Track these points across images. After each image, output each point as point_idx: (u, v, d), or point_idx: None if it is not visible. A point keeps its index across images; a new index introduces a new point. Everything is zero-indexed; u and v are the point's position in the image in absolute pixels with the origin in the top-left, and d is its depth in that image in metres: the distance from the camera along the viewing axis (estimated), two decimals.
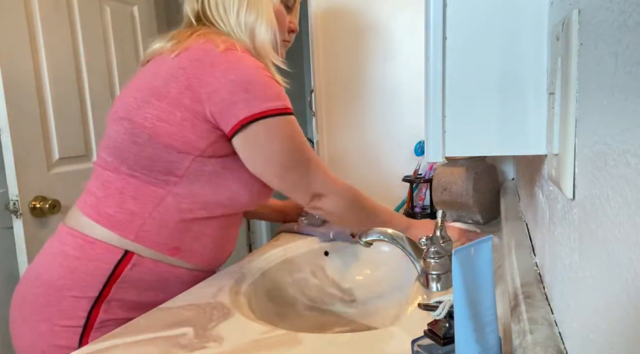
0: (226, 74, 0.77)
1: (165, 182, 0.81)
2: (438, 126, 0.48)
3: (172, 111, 0.78)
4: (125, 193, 0.81)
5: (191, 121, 0.78)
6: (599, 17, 0.29)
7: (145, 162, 0.80)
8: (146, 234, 0.81)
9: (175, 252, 0.84)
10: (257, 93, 0.78)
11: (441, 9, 0.47)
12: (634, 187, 0.23)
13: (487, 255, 0.41)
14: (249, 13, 0.85)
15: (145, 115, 0.79)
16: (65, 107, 1.50)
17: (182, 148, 0.79)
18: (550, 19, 0.45)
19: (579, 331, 0.34)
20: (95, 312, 0.79)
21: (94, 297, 0.79)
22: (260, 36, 0.86)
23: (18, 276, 1.36)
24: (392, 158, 1.41)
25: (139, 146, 0.80)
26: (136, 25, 1.85)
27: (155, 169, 0.80)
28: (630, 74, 0.23)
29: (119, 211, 0.81)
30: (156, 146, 0.79)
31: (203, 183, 0.82)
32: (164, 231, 0.82)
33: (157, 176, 0.81)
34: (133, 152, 0.80)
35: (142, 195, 0.81)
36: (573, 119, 0.36)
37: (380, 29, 1.37)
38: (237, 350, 0.61)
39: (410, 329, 0.62)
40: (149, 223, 0.81)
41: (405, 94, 1.37)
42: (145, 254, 0.82)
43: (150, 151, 0.79)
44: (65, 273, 0.79)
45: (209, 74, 0.77)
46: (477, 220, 1.16)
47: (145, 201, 0.81)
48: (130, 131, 0.80)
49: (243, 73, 0.78)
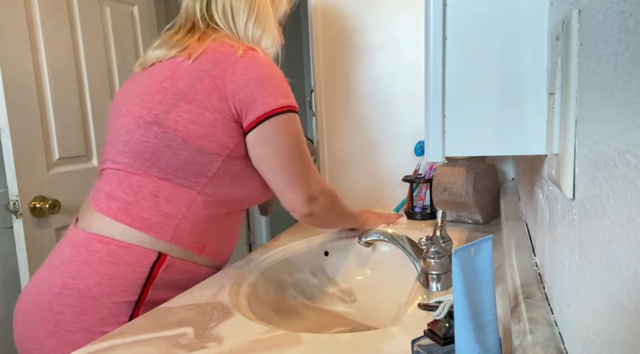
0: (246, 72, 0.81)
1: (196, 184, 0.84)
2: (438, 126, 0.48)
3: (202, 112, 0.81)
4: (159, 196, 0.83)
5: (222, 122, 0.81)
6: (599, 17, 0.29)
7: (178, 165, 0.82)
8: (181, 234, 0.84)
9: (202, 250, 0.87)
10: (273, 90, 0.82)
11: (441, 9, 0.47)
12: (634, 187, 0.23)
13: (487, 255, 0.41)
14: (257, 26, 0.89)
15: (176, 118, 0.81)
16: (65, 107, 1.50)
17: (215, 149, 0.82)
18: (550, 19, 0.45)
19: (579, 331, 0.34)
20: (135, 315, 0.80)
21: (134, 301, 0.80)
22: (266, 50, 0.91)
23: (18, 276, 1.36)
24: (392, 158, 1.41)
25: (173, 149, 0.81)
26: (136, 25, 1.85)
27: (188, 171, 0.83)
28: (630, 74, 0.23)
29: (154, 214, 0.82)
30: (190, 149, 0.81)
31: (228, 182, 0.86)
32: (195, 230, 0.85)
33: (189, 177, 0.83)
34: (166, 155, 0.82)
35: (175, 197, 0.83)
36: (573, 119, 0.36)
37: (380, 29, 1.37)
38: (237, 350, 0.61)
39: (410, 329, 0.62)
40: (184, 223, 0.84)
41: (405, 94, 1.37)
42: (176, 254, 0.84)
43: (184, 154, 0.81)
44: (103, 279, 0.79)
45: (231, 73, 0.81)
46: (477, 220, 1.16)
47: (178, 202, 0.83)
48: (162, 135, 0.81)
49: (261, 71, 0.82)
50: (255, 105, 0.81)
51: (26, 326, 0.81)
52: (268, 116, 0.82)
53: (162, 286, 0.83)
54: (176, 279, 0.84)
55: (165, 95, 0.82)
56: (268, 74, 0.83)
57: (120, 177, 0.85)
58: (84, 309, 0.78)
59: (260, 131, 0.83)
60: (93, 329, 0.78)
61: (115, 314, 0.79)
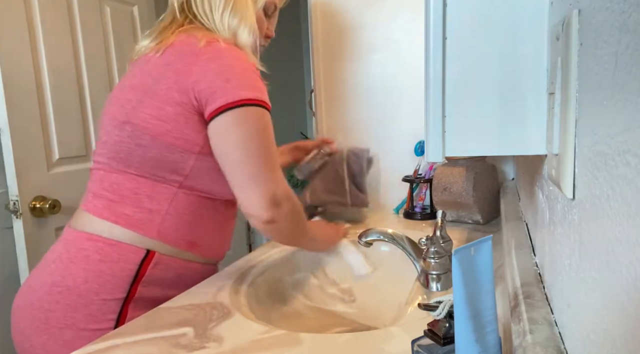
0: (208, 63, 0.78)
1: (173, 180, 0.83)
2: (438, 126, 0.48)
3: (164, 107, 0.79)
4: (139, 193, 0.82)
5: (184, 115, 0.79)
6: (599, 17, 0.29)
7: (151, 164, 0.81)
8: (166, 231, 0.83)
9: (191, 247, 0.87)
10: (235, 82, 0.78)
11: (441, 9, 0.47)
12: (634, 187, 0.23)
13: (487, 255, 0.41)
14: (233, 15, 0.86)
15: (143, 115, 0.80)
16: (65, 107, 1.50)
17: (183, 146, 0.80)
18: (550, 19, 0.45)
19: (579, 331, 0.34)
20: (124, 312, 0.80)
21: (123, 298, 0.80)
22: (242, 39, 0.87)
23: (18, 276, 1.36)
24: (392, 158, 1.41)
25: (144, 147, 0.80)
26: (136, 25, 1.85)
27: (162, 169, 0.81)
28: (630, 74, 0.23)
29: (137, 211, 0.82)
30: (159, 147, 0.80)
31: (207, 179, 0.84)
32: (182, 226, 0.84)
33: (164, 175, 0.82)
34: (138, 154, 0.81)
35: (156, 193, 0.82)
36: (573, 119, 0.36)
37: (380, 29, 1.37)
38: (237, 350, 0.61)
39: (410, 329, 0.62)
40: (168, 219, 0.83)
41: (405, 94, 1.37)
42: (165, 251, 0.83)
43: (155, 152, 0.80)
44: (91, 277, 0.79)
45: (192, 64, 0.78)
46: (477, 220, 1.16)
47: (159, 198, 0.82)
48: (132, 134, 0.81)
49: (224, 62, 0.79)
50: (215, 96, 0.77)
51: (20, 324, 0.82)
52: (228, 108, 0.77)
53: (152, 283, 0.82)
54: (167, 276, 0.84)
55: (134, 93, 0.82)
56: (230, 65, 0.79)
57: (101, 176, 0.85)
58: (73, 307, 0.79)
59: (220, 122, 0.78)
60: (81, 326, 0.78)
61: (103, 312, 0.79)
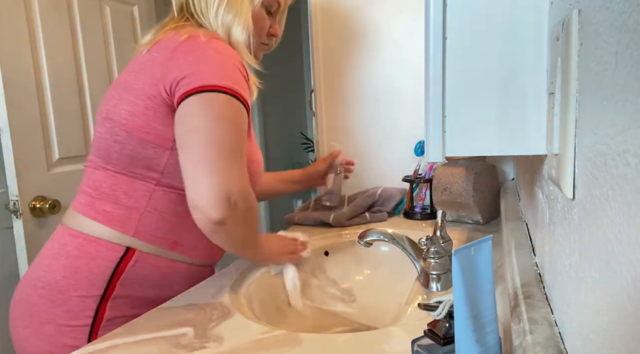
0: (185, 56, 0.77)
1: (151, 177, 0.82)
2: (438, 126, 0.48)
3: (137, 101, 0.78)
4: (117, 190, 0.82)
5: (153, 109, 0.78)
6: (599, 17, 0.29)
7: (127, 160, 0.81)
8: (145, 229, 0.82)
9: (174, 246, 0.85)
10: (208, 70, 0.75)
11: (441, 9, 0.47)
12: (634, 187, 0.23)
13: (487, 255, 0.41)
14: (227, 11, 0.85)
15: (120, 112, 0.80)
16: (65, 107, 1.50)
17: (155, 141, 0.79)
18: (550, 19, 0.45)
19: (579, 331, 0.34)
20: (102, 310, 0.79)
21: (100, 295, 0.79)
22: (235, 36, 0.86)
23: (18, 276, 1.36)
24: (392, 158, 1.41)
25: (120, 144, 0.80)
26: (136, 25, 1.85)
27: (138, 165, 0.81)
28: (630, 74, 0.23)
29: (115, 207, 0.81)
30: (133, 142, 0.79)
31: None
32: (162, 225, 0.83)
33: (140, 171, 0.81)
34: (115, 150, 0.81)
35: (133, 190, 0.82)
36: (573, 119, 0.36)
37: (380, 28, 1.37)
38: (237, 350, 0.61)
39: (410, 329, 0.62)
40: (146, 217, 0.82)
41: (405, 94, 1.37)
42: (146, 249, 0.82)
43: (130, 148, 0.80)
44: (69, 273, 0.79)
45: (169, 58, 0.77)
46: (477, 220, 1.16)
47: (137, 195, 0.81)
48: (111, 130, 0.81)
49: (201, 54, 0.77)
50: (184, 82, 0.74)
51: (12, 319, 0.84)
52: (196, 92, 0.73)
53: (135, 282, 0.82)
54: (150, 275, 0.83)
55: (117, 90, 0.82)
56: (208, 56, 0.76)
57: (88, 173, 0.86)
58: (53, 302, 0.79)
59: (184, 105, 0.74)
60: (61, 322, 0.79)
61: (81, 308, 0.79)
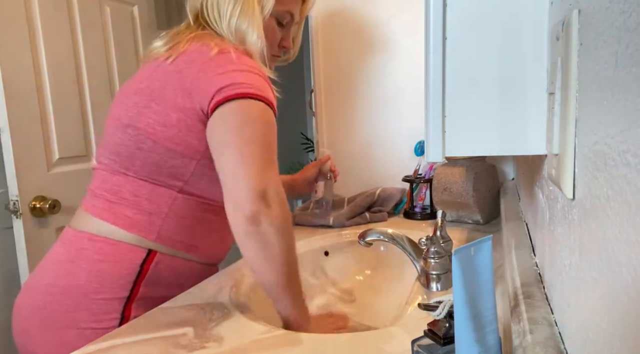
0: (216, 70, 0.77)
1: (174, 185, 0.82)
2: (438, 126, 0.48)
3: (169, 113, 0.78)
4: (139, 196, 0.82)
5: (185, 122, 0.78)
6: (599, 17, 0.29)
7: (151, 168, 0.81)
8: (166, 233, 0.83)
9: (191, 250, 0.87)
10: (242, 82, 0.76)
11: (441, 9, 0.47)
12: (634, 187, 0.23)
13: (487, 255, 0.41)
14: (241, 20, 0.85)
15: (147, 120, 0.80)
16: (65, 107, 1.50)
17: (185, 152, 0.80)
18: (550, 19, 0.45)
19: (579, 331, 0.34)
20: (128, 311, 0.80)
21: (125, 297, 0.80)
22: (250, 43, 0.86)
23: (18, 276, 1.36)
24: (392, 158, 1.41)
25: (145, 152, 0.80)
26: (136, 25, 1.85)
27: (162, 173, 0.81)
28: (630, 74, 0.23)
29: (137, 213, 0.82)
30: (160, 151, 0.80)
31: (208, 183, 0.83)
32: (182, 230, 0.84)
33: (164, 179, 0.82)
34: (139, 158, 0.81)
35: (155, 196, 0.82)
36: (573, 119, 0.36)
37: (380, 28, 1.37)
38: (237, 350, 0.61)
39: (410, 329, 0.62)
40: (167, 223, 0.83)
41: (405, 94, 1.37)
42: (165, 251, 0.84)
43: (155, 157, 0.80)
44: (92, 276, 0.79)
45: (200, 71, 0.78)
46: (477, 220, 1.16)
47: (159, 201, 0.82)
48: (135, 138, 0.81)
49: (232, 68, 0.78)
50: (218, 94, 0.75)
51: (22, 324, 0.83)
52: (230, 99, 0.75)
53: (154, 282, 0.83)
54: (167, 275, 0.84)
55: (141, 97, 0.81)
56: (239, 70, 0.78)
57: (103, 177, 0.86)
58: (73, 306, 0.79)
59: (219, 113, 0.75)
60: (83, 326, 0.78)
61: (105, 311, 0.79)
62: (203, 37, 0.84)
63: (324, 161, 1.21)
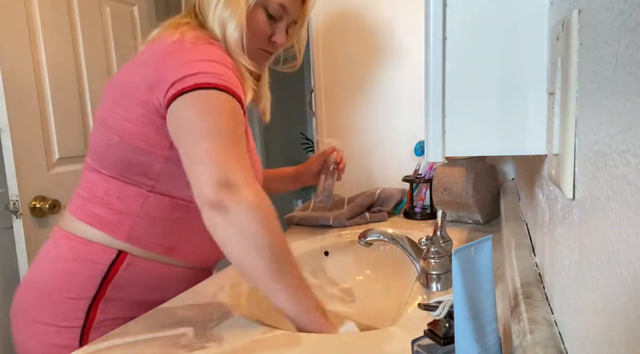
0: (175, 60, 0.74)
1: (144, 183, 0.80)
2: (438, 126, 0.48)
3: (133, 107, 0.77)
4: (110, 194, 0.81)
5: (147, 117, 0.76)
6: (599, 17, 0.29)
7: (121, 166, 0.80)
8: (138, 234, 0.81)
9: (170, 252, 0.84)
10: (198, 71, 0.72)
11: (441, 9, 0.47)
12: (634, 187, 0.23)
13: (487, 255, 0.41)
14: (224, 8, 0.83)
15: (115, 116, 0.79)
16: (65, 107, 1.50)
17: (148, 148, 0.77)
18: (550, 19, 0.45)
19: (579, 331, 0.34)
20: (93, 312, 0.79)
21: (91, 297, 0.79)
22: (228, 33, 0.82)
23: (18, 276, 1.36)
24: (392, 158, 1.41)
25: (113, 149, 0.79)
26: (136, 25, 1.85)
27: (131, 170, 0.79)
28: (630, 74, 0.23)
29: (108, 212, 0.80)
30: (127, 148, 0.78)
31: (179, 183, 0.79)
32: (156, 231, 0.82)
33: (134, 177, 0.80)
34: (109, 155, 0.80)
35: (126, 195, 0.80)
36: (573, 119, 0.36)
37: (380, 28, 1.37)
38: (237, 350, 0.61)
39: (410, 329, 0.62)
40: (139, 223, 0.81)
41: (405, 94, 1.37)
42: (140, 254, 0.81)
43: (123, 154, 0.79)
44: (59, 275, 0.79)
45: (160, 62, 0.75)
46: (477, 220, 1.16)
47: (130, 200, 0.80)
48: (105, 134, 0.80)
49: (190, 58, 0.75)
50: (173, 87, 0.72)
51: (13, 321, 0.85)
52: (184, 92, 0.71)
53: (127, 285, 0.81)
54: (143, 278, 0.82)
55: (114, 91, 0.80)
56: (198, 59, 0.74)
57: (83, 176, 0.86)
58: (41, 303, 0.80)
59: (174, 107, 0.72)
60: (47, 322, 0.79)
61: (72, 310, 0.79)
62: (179, 26, 0.81)
63: (329, 153, 1.16)
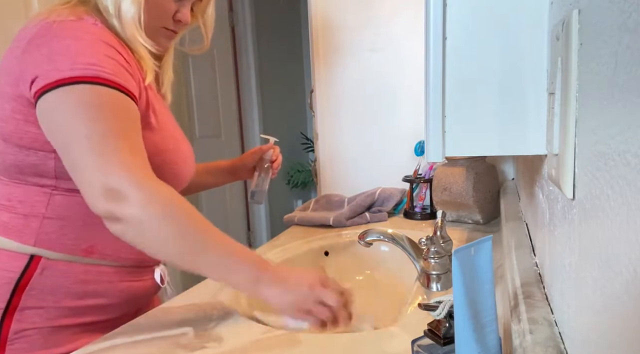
0: (39, 49, 0.68)
1: (45, 184, 0.74)
2: (438, 126, 0.49)
3: (5, 105, 0.70)
4: (12, 199, 0.75)
5: (21, 111, 0.70)
6: (599, 17, 0.29)
7: (14, 169, 0.74)
8: (47, 237, 0.74)
9: (90, 252, 0.77)
10: (63, 62, 0.66)
11: (441, 9, 0.47)
12: (634, 187, 0.23)
13: (487, 255, 0.41)
14: None
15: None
16: None
17: (34, 146, 0.71)
18: (550, 19, 0.45)
19: (579, 331, 0.34)
20: (7, 323, 0.72)
21: (3, 308, 0.72)
22: (124, 9, 0.75)
23: None
24: (392, 158, 1.41)
25: (1, 154, 0.73)
26: None
27: (25, 173, 0.74)
28: (630, 74, 0.23)
29: (13, 217, 0.74)
30: (11, 150, 0.72)
31: None
32: (68, 231, 0.75)
33: (32, 179, 0.74)
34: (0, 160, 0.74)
35: (29, 198, 0.74)
36: (573, 119, 0.36)
37: (380, 28, 1.37)
38: (237, 350, 0.61)
39: (410, 329, 0.62)
40: (48, 225, 0.74)
41: (405, 94, 1.37)
42: (55, 257, 0.75)
43: (11, 157, 0.73)
44: None
45: (24, 51, 0.68)
46: (477, 220, 1.16)
47: (33, 203, 0.74)
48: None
49: (55, 44, 0.67)
50: (37, 81, 0.66)
51: None
52: (49, 89, 0.65)
53: (45, 292, 0.74)
54: (64, 282, 0.75)
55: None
56: (63, 45, 0.67)
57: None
58: None
59: (41, 106, 0.66)
60: None
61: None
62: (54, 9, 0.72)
63: (265, 150, 1.10)
